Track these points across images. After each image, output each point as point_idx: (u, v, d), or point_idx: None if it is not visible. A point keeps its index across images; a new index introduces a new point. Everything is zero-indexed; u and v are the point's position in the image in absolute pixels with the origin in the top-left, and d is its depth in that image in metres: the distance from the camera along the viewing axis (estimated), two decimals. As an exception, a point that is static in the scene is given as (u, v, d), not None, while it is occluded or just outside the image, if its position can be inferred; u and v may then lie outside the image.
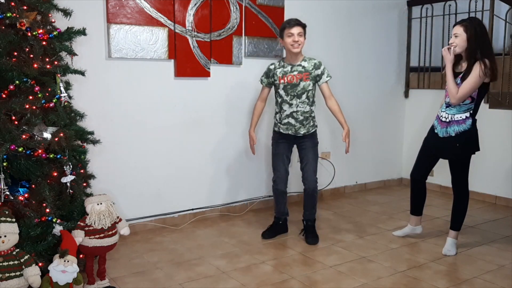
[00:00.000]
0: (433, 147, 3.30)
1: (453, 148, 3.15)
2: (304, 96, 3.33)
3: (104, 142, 3.01)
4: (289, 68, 3.33)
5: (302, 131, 3.39)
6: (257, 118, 3.59)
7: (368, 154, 5.10)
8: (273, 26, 4.16)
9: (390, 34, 5.08)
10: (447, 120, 3.14)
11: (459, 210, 3.30)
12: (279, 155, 3.47)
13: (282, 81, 3.33)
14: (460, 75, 3.07)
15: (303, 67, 3.32)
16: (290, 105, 3.35)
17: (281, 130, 3.43)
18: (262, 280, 2.85)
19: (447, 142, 3.16)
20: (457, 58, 3.14)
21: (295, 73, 3.31)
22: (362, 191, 5.06)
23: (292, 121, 3.37)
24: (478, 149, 3.18)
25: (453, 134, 3.12)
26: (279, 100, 3.40)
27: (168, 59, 3.67)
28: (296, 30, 3.24)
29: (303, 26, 3.30)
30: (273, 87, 3.48)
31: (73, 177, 2.63)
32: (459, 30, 3.05)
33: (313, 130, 3.46)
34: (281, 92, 3.36)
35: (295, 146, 3.52)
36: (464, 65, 3.09)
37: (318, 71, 3.34)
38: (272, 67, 3.42)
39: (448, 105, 3.15)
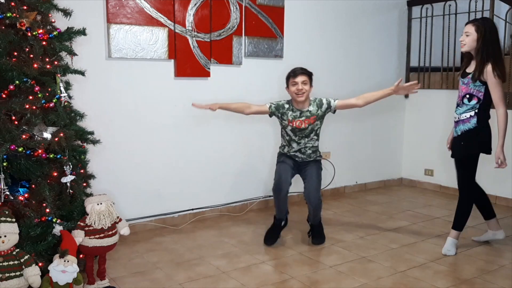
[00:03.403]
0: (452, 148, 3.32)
1: (458, 146, 3.17)
2: (312, 134, 3.37)
3: (104, 142, 3.01)
4: (298, 113, 3.32)
5: (308, 160, 3.42)
6: (231, 107, 3.38)
7: (368, 154, 5.10)
8: (273, 26, 4.16)
9: (390, 34, 5.08)
10: (456, 120, 3.18)
11: (461, 210, 3.27)
12: (285, 165, 3.40)
13: (291, 124, 3.34)
14: (469, 75, 3.09)
15: (310, 111, 3.32)
16: (299, 143, 3.38)
17: (289, 154, 3.45)
18: (262, 280, 2.84)
19: (455, 141, 3.20)
20: (469, 58, 3.15)
21: (303, 118, 3.32)
22: (362, 191, 5.06)
23: (299, 154, 3.41)
24: (484, 151, 3.13)
25: (460, 133, 3.14)
26: (287, 138, 3.40)
27: (168, 59, 3.67)
28: (300, 79, 3.23)
29: (309, 75, 3.28)
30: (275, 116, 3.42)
31: (73, 177, 2.63)
32: (470, 29, 3.06)
33: (319, 159, 3.48)
34: (289, 132, 3.37)
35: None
36: (473, 65, 3.10)
37: (324, 107, 3.33)
38: (286, 106, 3.35)
39: (457, 105, 3.18)
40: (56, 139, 2.53)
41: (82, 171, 2.78)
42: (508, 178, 4.45)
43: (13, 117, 2.45)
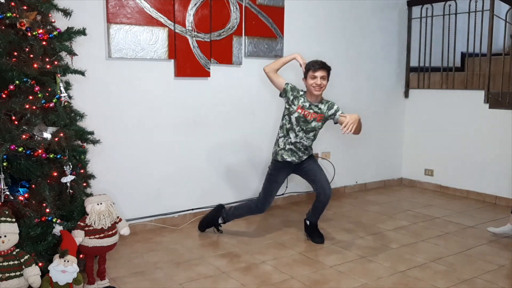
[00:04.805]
0: None
1: None
2: (311, 134, 3.36)
3: (104, 142, 3.00)
4: (307, 104, 3.32)
5: (304, 158, 3.42)
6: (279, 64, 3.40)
7: (368, 154, 5.10)
8: (273, 26, 4.16)
9: (390, 34, 5.08)
10: None
11: None
12: (277, 184, 3.44)
13: (299, 111, 3.32)
14: None
15: (319, 108, 3.33)
16: (296, 135, 3.35)
17: (284, 156, 3.38)
18: (262, 280, 2.85)
19: None
20: None
21: (311, 111, 3.32)
22: (362, 191, 5.06)
23: (294, 148, 3.38)
24: None
25: None
26: (288, 126, 3.36)
27: (168, 59, 3.67)
28: (320, 73, 3.24)
29: (328, 70, 3.30)
30: (284, 102, 3.40)
31: (73, 177, 2.63)
32: None
33: (311, 153, 3.49)
34: (293, 119, 3.34)
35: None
36: None
37: (331, 111, 3.33)
38: (301, 92, 3.36)
39: None
40: (56, 139, 2.53)
41: (82, 171, 2.78)
42: (508, 178, 4.45)
43: (13, 117, 2.45)
